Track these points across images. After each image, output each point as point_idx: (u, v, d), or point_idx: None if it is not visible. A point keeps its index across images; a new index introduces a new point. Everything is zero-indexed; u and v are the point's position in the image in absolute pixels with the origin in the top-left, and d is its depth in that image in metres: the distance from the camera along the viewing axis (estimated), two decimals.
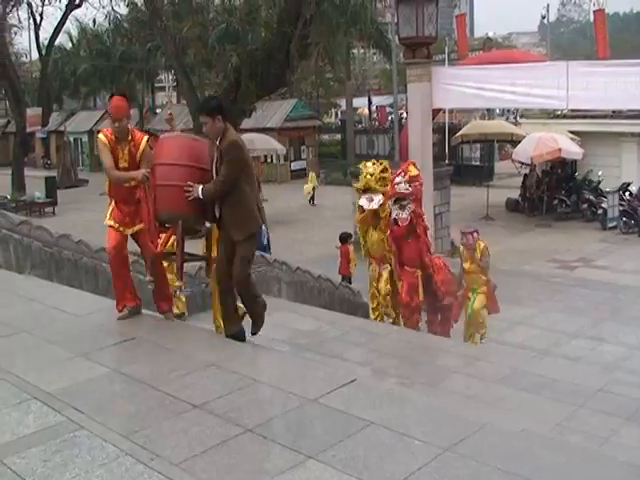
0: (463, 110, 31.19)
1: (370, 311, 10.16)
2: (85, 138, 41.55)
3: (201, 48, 25.98)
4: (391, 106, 32.97)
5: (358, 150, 33.31)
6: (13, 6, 32.78)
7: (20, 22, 35.22)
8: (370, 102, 39.41)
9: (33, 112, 36.55)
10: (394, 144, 23.88)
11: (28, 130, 33.38)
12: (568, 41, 75.87)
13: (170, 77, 50.48)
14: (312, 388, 4.61)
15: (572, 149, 20.14)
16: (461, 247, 10.06)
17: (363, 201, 9.66)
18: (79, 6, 32.33)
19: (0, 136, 44.16)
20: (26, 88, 39.79)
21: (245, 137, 23.08)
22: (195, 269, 10.66)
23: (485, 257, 9.81)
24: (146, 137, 6.21)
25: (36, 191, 28.05)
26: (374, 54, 45.92)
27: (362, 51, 46.72)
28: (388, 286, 9.75)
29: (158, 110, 41.57)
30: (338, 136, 38.74)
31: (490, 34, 48.24)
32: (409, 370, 7.39)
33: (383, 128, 35.87)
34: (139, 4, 29.08)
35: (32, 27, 38.39)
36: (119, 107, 6.08)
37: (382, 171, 9.65)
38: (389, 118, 38.28)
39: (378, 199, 9.54)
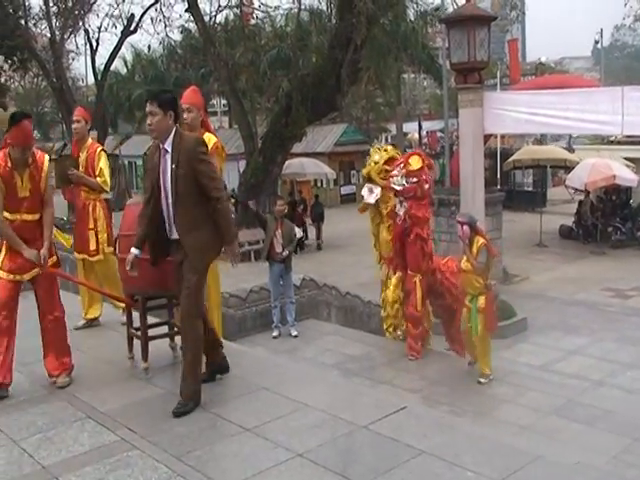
0: (515, 135, 30.89)
1: (382, 320, 9.60)
2: (139, 162, 42.38)
3: (253, 73, 26.39)
4: (442, 131, 32.85)
5: None
6: (71, 32, 33.86)
7: (77, 48, 36.25)
8: (420, 127, 39.35)
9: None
10: (445, 169, 23.82)
11: None
12: (622, 66, 74.65)
13: (222, 102, 51.33)
14: (362, 414, 4.59)
15: (627, 176, 19.73)
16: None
17: (364, 191, 8.92)
18: (134, 32, 33.15)
19: (57, 158, 45.37)
20: None
21: (295, 161, 23.34)
22: (246, 293, 10.78)
23: (481, 257, 8.03)
24: (47, 156, 5.33)
25: None
26: (424, 79, 45.97)
27: (412, 76, 46.80)
28: (397, 292, 9.05)
29: None
30: None
31: (542, 59, 47.79)
32: (460, 398, 7.29)
33: (433, 153, 35.76)
34: (193, 31, 29.78)
35: (88, 53, 39.65)
36: (29, 135, 5.15)
37: (387, 162, 8.88)
38: (440, 143, 38.15)
39: (376, 193, 8.74)
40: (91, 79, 44.81)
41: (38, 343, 6.27)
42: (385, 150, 9.13)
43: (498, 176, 26.35)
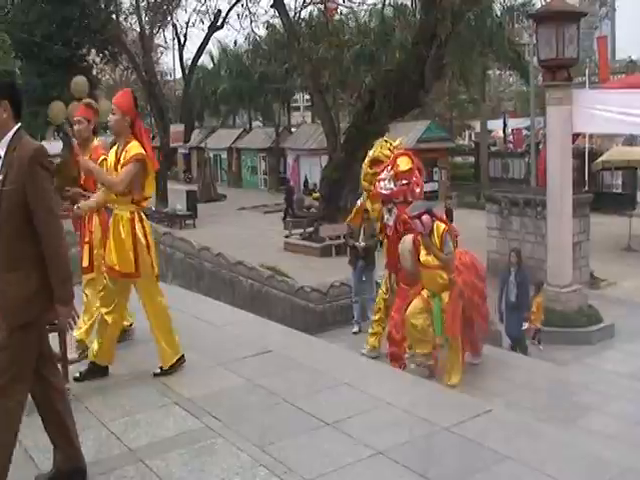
0: (603, 135, 29.91)
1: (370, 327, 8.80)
2: (224, 155, 43.24)
3: (336, 69, 26.46)
4: (528, 129, 32.13)
5: (492, 173, 32.68)
6: (160, 27, 34.87)
7: (166, 42, 37.32)
8: (505, 124, 38.60)
9: (176, 129, 38.52)
10: (530, 169, 23.27)
11: (171, 145, 35.09)
12: None
13: (305, 97, 51.70)
14: (445, 415, 4.52)
15: None
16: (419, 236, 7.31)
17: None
18: (220, 28, 33.89)
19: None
20: (170, 106, 41.99)
21: None
22: (327, 287, 10.82)
23: (446, 246, 7.01)
24: None
25: (178, 204, 29.42)
26: (510, 75, 45.04)
27: (498, 72, 45.93)
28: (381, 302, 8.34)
29: (293, 129, 42.61)
30: (471, 158, 38.20)
31: (633, 57, 45.99)
32: (544, 404, 7.11)
33: (519, 152, 35.02)
34: (278, 26, 30.10)
35: (176, 47, 40.72)
36: None
37: (372, 163, 8.06)
38: (525, 141, 37.34)
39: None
40: (179, 73, 46.14)
41: None
42: (387, 146, 8.27)
43: (586, 177, 25.61)
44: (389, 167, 7.70)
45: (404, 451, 4.06)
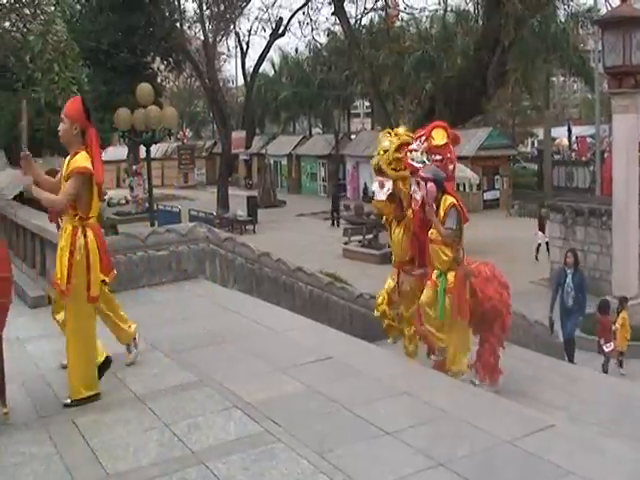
0: None
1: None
2: (284, 161, 43.62)
3: (396, 75, 26.43)
4: (592, 137, 31.45)
5: (556, 182, 32.12)
6: (222, 35, 35.47)
7: (228, 50, 37.94)
8: (570, 132, 37.90)
9: (238, 135, 39.10)
10: (595, 177, 22.78)
11: (233, 152, 35.58)
12: None
13: (365, 104, 51.78)
14: (506, 428, 4.45)
15: None
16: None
17: (375, 186, 7.47)
18: (282, 35, 34.28)
19: (207, 156, 47.62)
20: (232, 112, 42.60)
21: None
22: None
23: (449, 220, 6.44)
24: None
25: (238, 209, 29.77)
26: (574, 82, 44.25)
27: (562, 79, 45.14)
28: (386, 294, 7.70)
29: (353, 136, 42.68)
30: (534, 166, 37.62)
31: None
32: (610, 419, 6.92)
33: (583, 160, 34.33)
34: (338, 33, 30.26)
35: (239, 55, 41.39)
36: None
37: (399, 148, 7.30)
38: (590, 150, 36.61)
39: (387, 187, 7.28)
40: (241, 80, 46.82)
41: (189, 331, 6.60)
42: (396, 135, 7.58)
43: None
44: (422, 138, 7.15)
45: (464, 463, 4.01)
